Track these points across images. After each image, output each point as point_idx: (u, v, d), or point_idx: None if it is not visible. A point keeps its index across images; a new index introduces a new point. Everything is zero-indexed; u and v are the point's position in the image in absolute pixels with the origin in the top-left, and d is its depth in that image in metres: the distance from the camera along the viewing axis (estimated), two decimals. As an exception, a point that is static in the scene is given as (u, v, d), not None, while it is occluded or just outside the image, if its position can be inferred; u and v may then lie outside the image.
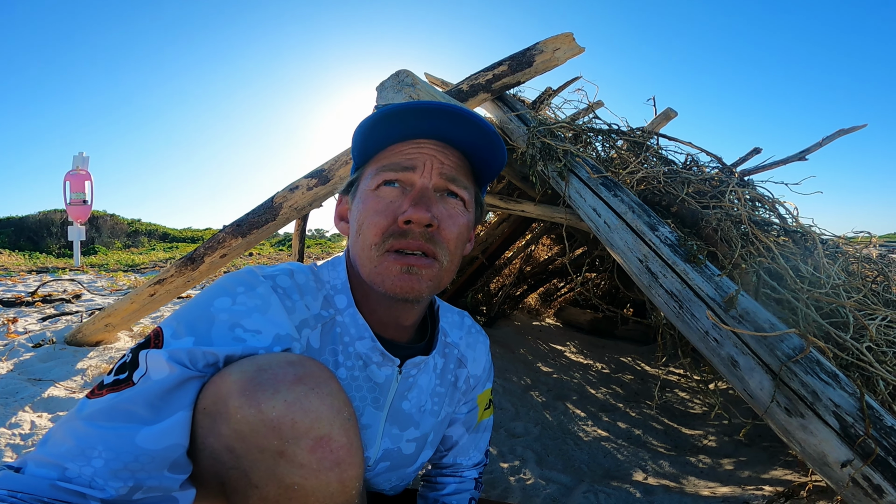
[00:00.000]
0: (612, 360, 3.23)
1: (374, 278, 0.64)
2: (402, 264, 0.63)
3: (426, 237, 0.63)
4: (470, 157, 0.70)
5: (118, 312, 2.38)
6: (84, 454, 0.48)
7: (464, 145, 0.67)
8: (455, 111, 0.62)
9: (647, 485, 1.56)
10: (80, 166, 6.42)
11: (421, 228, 0.63)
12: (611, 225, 1.43)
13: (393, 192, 0.65)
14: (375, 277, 0.64)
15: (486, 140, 0.66)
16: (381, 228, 0.63)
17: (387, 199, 0.65)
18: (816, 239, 1.42)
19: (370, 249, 0.64)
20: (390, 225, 0.63)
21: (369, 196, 0.66)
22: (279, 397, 0.49)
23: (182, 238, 16.42)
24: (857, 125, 2.07)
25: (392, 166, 0.65)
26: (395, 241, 0.63)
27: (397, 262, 0.63)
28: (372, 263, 0.64)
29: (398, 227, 0.63)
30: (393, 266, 0.63)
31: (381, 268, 0.63)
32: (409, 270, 0.63)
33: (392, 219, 0.63)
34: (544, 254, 4.12)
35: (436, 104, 0.62)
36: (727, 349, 1.04)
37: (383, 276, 0.63)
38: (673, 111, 2.84)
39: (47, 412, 1.69)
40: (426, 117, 0.63)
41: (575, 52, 1.90)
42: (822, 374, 0.92)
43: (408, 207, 0.62)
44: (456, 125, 0.64)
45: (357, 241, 0.66)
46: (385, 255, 0.63)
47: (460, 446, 0.91)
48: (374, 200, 0.65)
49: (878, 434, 0.84)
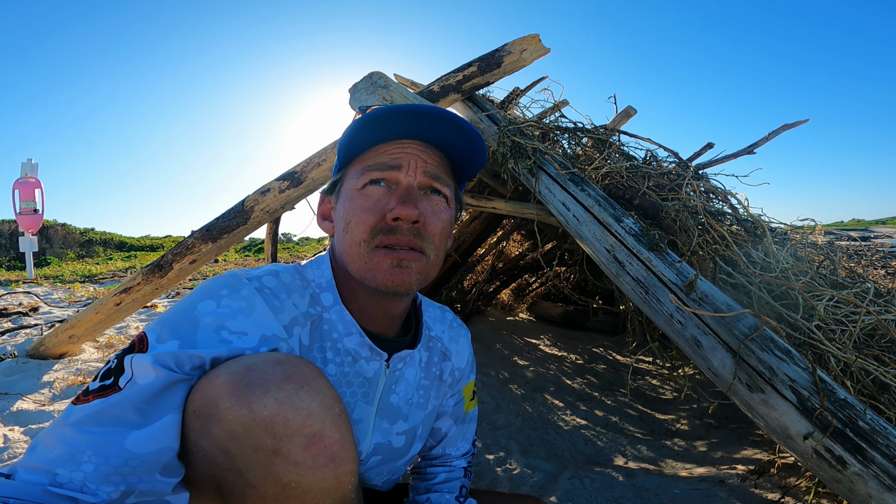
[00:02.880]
0: (585, 351, 3.33)
1: (364, 273, 0.66)
2: (393, 258, 0.65)
3: (413, 232, 0.66)
4: (450, 156, 0.73)
5: (82, 323, 2.28)
6: (74, 459, 0.48)
7: (446, 145, 0.70)
8: (438, 113, 0.65)
9: (628, 468, 1.62)
10: (29, 174, 6.06)
11: (408, 224, 0.65)
12: (579, 218, 1.49)
13: (379, 190, 0.67)
14: (366, 273, 0.65)
15: (468, 140, 0.69)
16: (370, 225, 0.65)
17: (374, 197, 0.67)
18: (766, 227, 1.53)
19: (359, 246, 0.66)
20: (378, 222, 0.65)
21: (356, 195, 0.68)
22: (270, 396, 0.50)
23: (140, 246, 15.68)
24: (800, 120, 2.23)
25: (378, 166, 0.67)
26: (385, 237, 0.65)
27: (387, 256, 0.65)
28: (362, 259, 0.66)
29: (386, 223, 0.65)
30: (383, 261, 0.65)
31: (372, 263, 0.65)
32: (400, 264, 0.65)
33: (380, 216, 0.65)
34: (515, 250, 4.20)
35: (419, 106, 0.64)
36: (690, 330, 1.11)
37: (374, 271, 0.65)
38: (633, 109, 2.96)
39: (19, 425, 1.64)
40: (409, 119, 0.66)
41: (541, 52, 1.95)
42: (776, 350, 0.99)
43: (395, 205, 0.65)
44: (438, 126, 0.67)
45: (345, 238, 0.68)
46: (375, 251, 0.65)
47: (449, 438, 0.93)
48: (361, 199, 0.67)
49: (833, 407, 0.91)
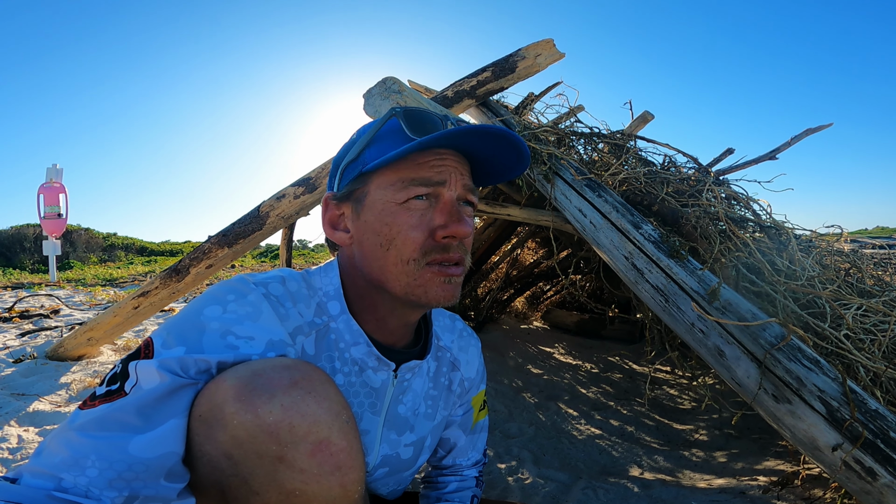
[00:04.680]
0: (601, 359, 3.27)
1: (413, 290, 0.65)
2: (445, 276, 0.65)
3: (462, 249, 0.66)
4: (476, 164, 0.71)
5: (101, 326, 2.32)
6: (78, 464, 0.48)
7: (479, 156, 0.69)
8: (509, 137, 0.64)
9: (644, 479, 1.57)
10: (54, 179, 6.21)
11: (458, 241, 0.65)
12: (596, 224, 1.46)
13: (422, 204, 0.65)
14: (416, 289, 0.64)
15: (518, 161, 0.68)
16: (419, 243, 0.64)
17: (418, 212, 0.65)
18: (790, 234, 1.48)
19: (408, 264, 0.64)
20: (426, 239, 0.64)
21: (398, 210, 0.64)
22: (276, 401, 0.49)
23: (160, 251, 16.03)
24: (823, 124, 2.16)
25: (423, 181, 0.64)
26: (439, 254, 0.64)
27: (440, 274, 0.64)
28: (410, 277, 0.64)
29: (436, 241, 0.64)
30: (436, 278, 0.64)
31: (422, 280, 0.64)
32: (450, 281, 0.65)
33: (428, 232, 0.64)
34: (530, 257, 4.16)
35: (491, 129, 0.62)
36: (713, 339, 1.07)
37: (426, 288, 0.64)
38: (650, 114, 2.92)
39: (34, 426, 1.66)
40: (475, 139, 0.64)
41: (555, 57, 1.94)
42: (804, 360, 0.95)
43: (447, 222, 0.64)
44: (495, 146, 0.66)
45: (384, 254, 0.65)
46: (426, 268, 0.64)
47: (459, 448, 0.92)
48: (406, 214, 0.64)
49: (864, 417, 0.87)
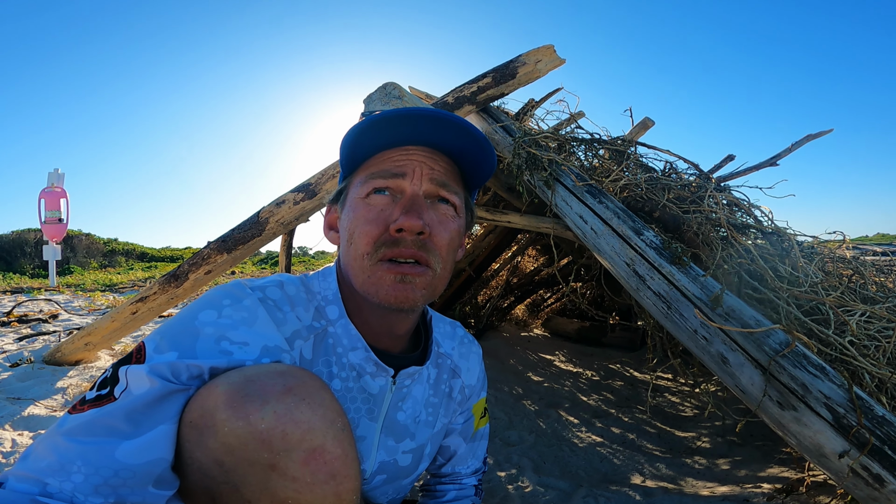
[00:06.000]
0: (601, 367, 3.24)
1: (367, 288, 0.63)
2: (396, 273, 0.62)
3: (418, 245, 0.62)
4: (459, 163, 0.69)
5: (98, 331, 2.31)
6: (64, 469, 0.47)
7: (453, 150, 0.67)
8: (443, 116, 0.62)
9: (646, 487, 1.55)
10: (56, 183, 6.23)
11: (413, 236, 0.62)
12: (597, 231, 1.45)
13: (383, 199, 0.64)
14: (369, 287, 0.63)
15: (475, 144, 0.66)
16: (373, 237, 0.63)
17: (377, 207, 0.64)
18: (792, 240, 1.47)
19: (362, 259, 0.63)
20: (382, 233, 0.63)
21: (359, 204, 0.65)
22: (268, 408, 0.48)
23: (161, 257, 16.04)
24: (823, 130, 2.16)
25: (381, 174, 0.64)
26: (388, 249, 0.62)
27: (390, 271, 0.62)
28: (364, 273, 0.63)
29: (390, 235, 0.62)
30: (386, 275, 0.62)
31: (375, 277, 0.62)
32: (403, 279, 0.62)
33: (383, 227, 0.63)
34: (531, 265, 4.15)
35: (423, 110, 0.62)
36: (716, 346, 1.06)
37: (377, 286, 0.62)
38: (650, 120, 2.92)
39: (28, 430, 1.66)
40: (413, 123, 0.63)
41: (556, 63, 1.94)
42: (809, 367, 0.94)
43: (399, 215, 0.62)
44: (444, 130, 0.64)
45: (349, 250, 0.65)
46: (378, 265, 0.62)
47: (458, 456, 0.91)
48: (364, 209, 0.64)
49: (871, 424, 0.86)
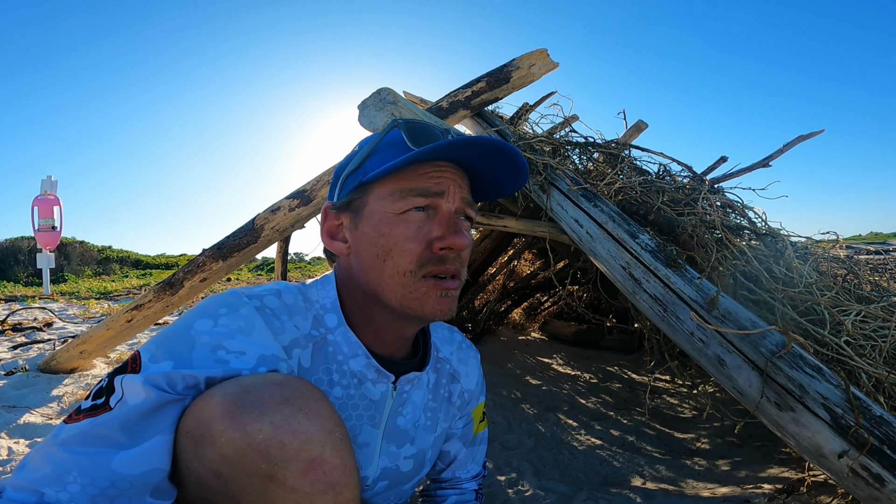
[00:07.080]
0: (599, 370, 3.25)
1: (409, 303, 0.64)
2: (441, 289, 0.64)
3: (458, 261, 0.66)
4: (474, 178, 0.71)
5: (93, 339, 2.30)
6: (60, 479, 0.47)
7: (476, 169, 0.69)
8: (510, 152, 0.64)
9: (647, 489, 1.55)
10: (49, 191, 6.19)
11: (455, 254, 0.65)
12: (593, 235, 1.46)
13: (421, 216, 0.65)
14: (411, 303, 0.64)
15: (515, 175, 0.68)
16: (416, 255, 0.63)
17: (415, 223, 0.64)
18: (786, 241, 1.48)
19: (404, 276, 0.63)
20: (424, 251, 0.64)
21: (396, 220, 0.64)
22: (265, 419, 0.48)
23: (156, 265, 15.93)
24: (815, 131, 2.19)
25: (421, 191, 0.63)
26: (435, 266, 0.63)
27: (437, 287, 0.64)
28: (406, 289, 0.63)
29: (433, 253, 0.64)
30: (432, 291, 0.64)
31: (418, 293, 0.64)
32: (446, 294, 0.65)
33: (425, 244, 0.64)
34: (527, 269, 4.15)
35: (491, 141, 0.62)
36: (713, 349, 1.07)
37: (422, 301, 0.64)
38: (644, 123, 2.95)
39: (24, 438, 1.65)
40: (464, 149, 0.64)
41: (549, 67, 1.95)
42: (806, 368, 0.94)
43: (444, 234, 0.63)
44: (491, 158, 0.66)
45: (381, 266, 0.64)
46: (422, 281, 0.64)
47: (459, 460, 0.91)
48: (403, 225, 0.64)
49: (869, 424, 0.86)
